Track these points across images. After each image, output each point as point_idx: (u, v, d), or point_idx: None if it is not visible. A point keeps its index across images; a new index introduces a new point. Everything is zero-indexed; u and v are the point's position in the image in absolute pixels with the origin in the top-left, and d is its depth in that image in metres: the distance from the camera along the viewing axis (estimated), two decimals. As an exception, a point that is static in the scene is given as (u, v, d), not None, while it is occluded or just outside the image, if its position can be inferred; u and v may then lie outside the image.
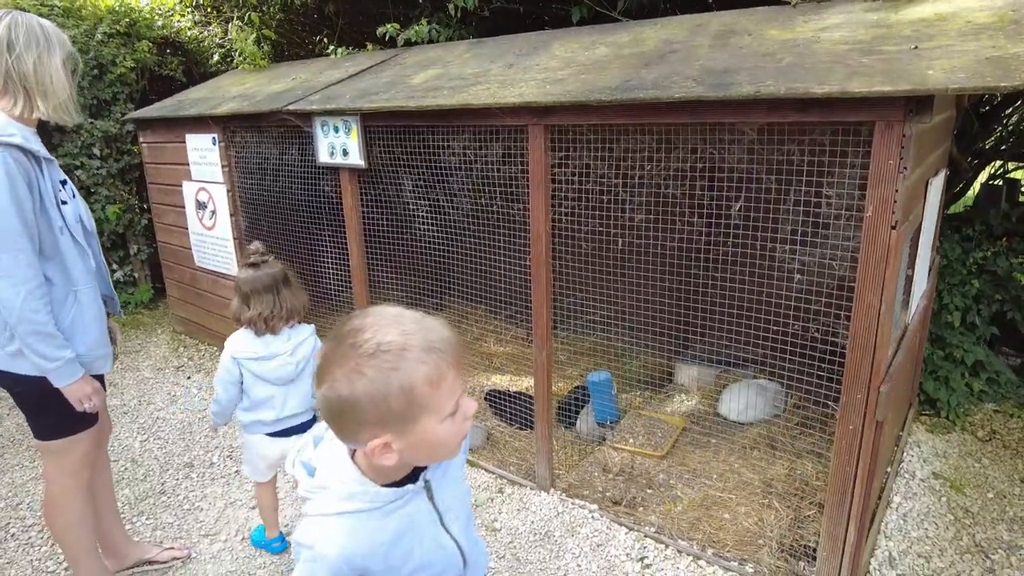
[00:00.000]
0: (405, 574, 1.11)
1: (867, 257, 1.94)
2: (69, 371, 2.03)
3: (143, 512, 3.08)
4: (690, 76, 2.20)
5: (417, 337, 0.96)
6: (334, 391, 0.95)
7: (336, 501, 1.05)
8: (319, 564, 1.04)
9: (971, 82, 1.69)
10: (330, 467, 1.09)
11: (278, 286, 2.33)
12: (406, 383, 0.94)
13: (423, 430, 0.99)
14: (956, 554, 2.68)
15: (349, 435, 1.02)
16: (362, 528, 1.05)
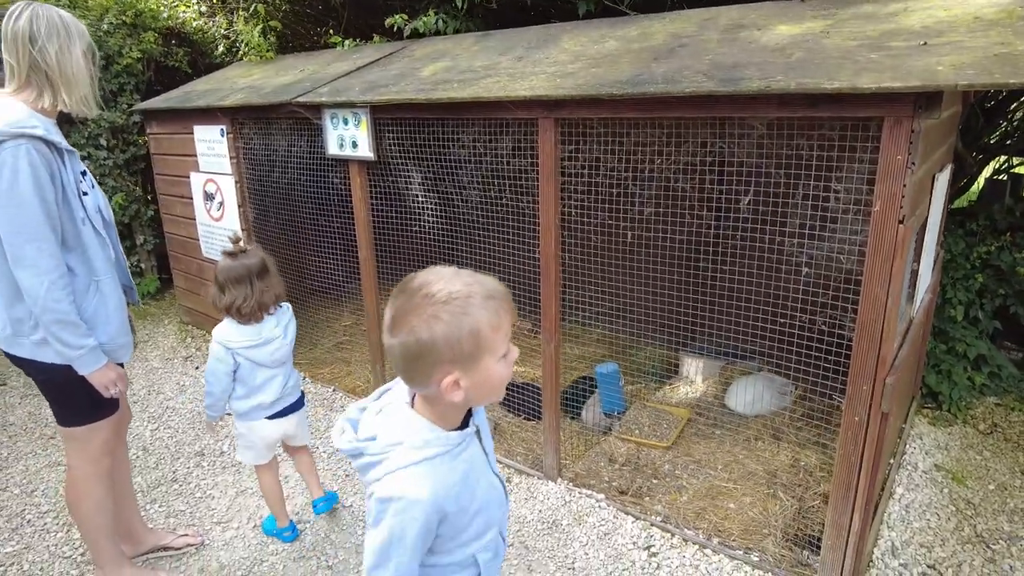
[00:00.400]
0: (471, 514, 1.23)
1: (874, 251, 1.97)
2: (93, 359, 2.07)
3: (156, 500, 3.12)
4: (700, 70, 2.22)
5: (478, 287, 1.12)
6: (414, 335, 1.09)
7: (414, 451, 1.16)
8: (413, 510, 1.13)
9: (980, 78, 1.71)
10: (398, 426, 1.19)
11: (251, 277, 2.39)
12: (474, 326, 1.09)
13: (484, 368, 1.13)
14: (958, 544, 2.72)
15: (423, 376, 1.13)
16: (440, 471, 1.17)
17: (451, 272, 1.14)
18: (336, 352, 4.64)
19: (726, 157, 2.79)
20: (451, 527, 1.22)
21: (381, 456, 1.18)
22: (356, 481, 3.21)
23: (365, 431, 1.24)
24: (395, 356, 1.13)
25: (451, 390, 1.12)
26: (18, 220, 1.89)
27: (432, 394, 1.16)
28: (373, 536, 1.18)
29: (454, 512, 1.19)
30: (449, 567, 1.28)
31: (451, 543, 1.25)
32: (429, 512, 1.15)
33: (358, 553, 2.71)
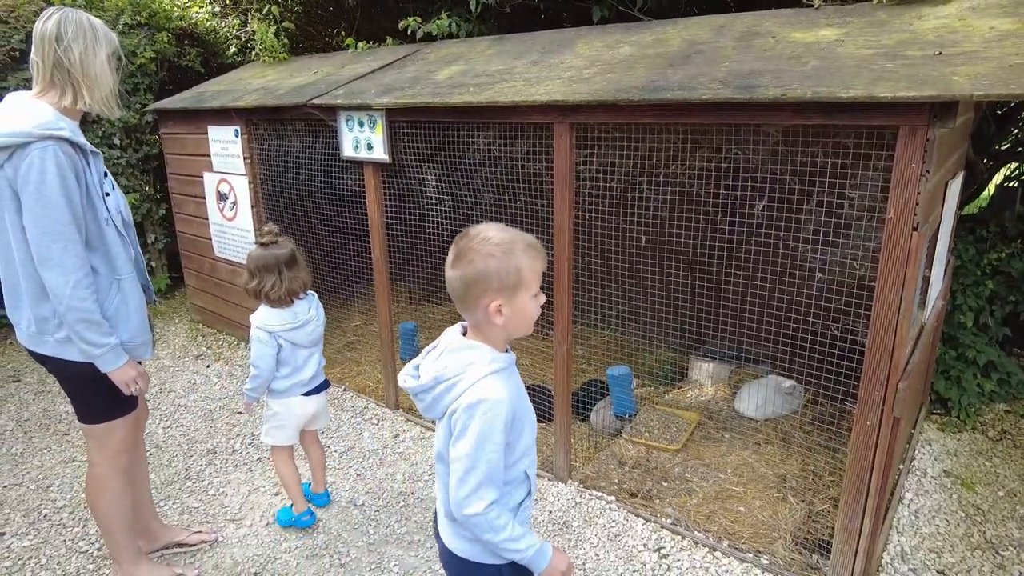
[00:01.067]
0: (524, 424, 1.47)
1: (888, 258, 1.99)
2: (114, 357, 2.11)
3: (169, 496, 3.16)
4: (716, 78, 2.24)
5: (521, 238, 1.41)
6: (473, 266, 1.37)
7: (486, 366, 1.41)
8: (498, 408, 1.37)
9: (995, 89, 1.73)
10: (465, 354, 1.43)
11: (280, 267, 2.55)
12: (518, 265, 1.38)
13: (521, 301, 1.41)
14: (967, 550, 2.73)
15: (474, 300, 1.39)
16: (506, 381, 1.42)
17: (502, 226, 1.44)
18: (346, 352, 4.67)
19: (741, 163, 2.81)
20: (515, 433, 1.44)
21: (457, 378, 1.41)
22: (367, 480, 3.23)
23: (429, 373, 1.45)
24: (455, 285, 1.41)
25: (495, 314, 1.39)
26: (45, 221, 1.93)
27: (480, 320, 1.42)
28: (462, 445, 1.39)
29: (518, 417, 1.44)
30: (508, 485, 1.48)
31: (512, 455, 1.46)
32: (508, 409, 1.38)
33: (370, 552, 2.74)
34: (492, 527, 1.41)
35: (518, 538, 1.44)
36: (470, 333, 1.49)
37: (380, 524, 2.91)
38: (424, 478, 3.24)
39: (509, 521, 1.44)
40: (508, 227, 1.44)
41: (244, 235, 4.50)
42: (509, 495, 1.50)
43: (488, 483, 1.39)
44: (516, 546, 1.44)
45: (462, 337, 1.49)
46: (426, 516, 2.95)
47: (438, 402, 1.44)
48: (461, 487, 1.40)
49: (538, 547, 1.47)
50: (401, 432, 3.66)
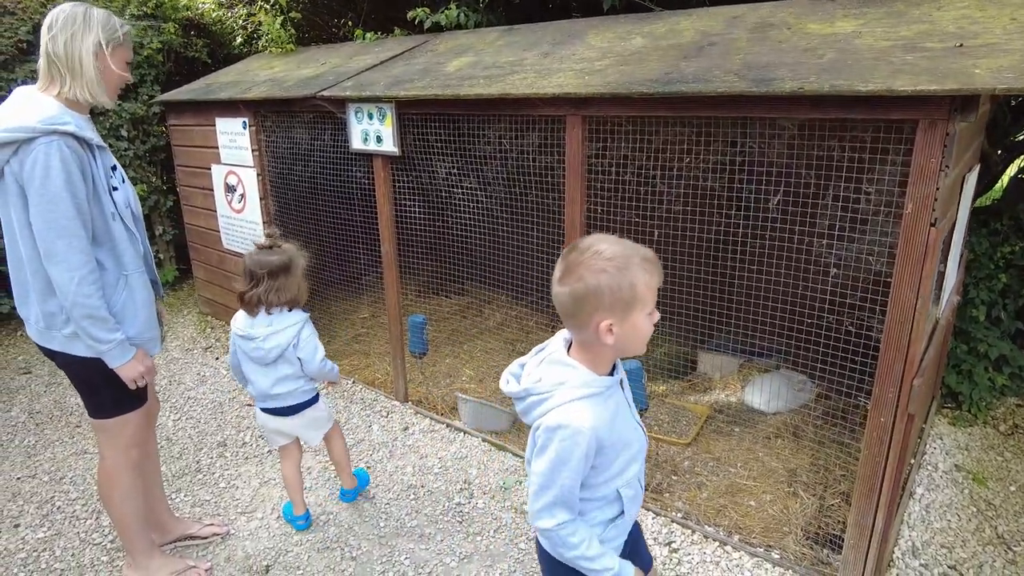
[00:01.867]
0: (618, 449, 1.44)
1: (905, 254, 1.97)
2: (121, 352, 2.11)
3: (180, 489, 3.17)
4: (731, 70, 2.21)
5: (636, 251, 1.34)
6: (583, 283, 1.31)
7: (577, 389, 1.37)
8: (578, 437, 1.34)
9: (1019, 83, 1.69)
10: (560, 371, 1.40)
11: (262, 273, 2.45)
12: (632, 281, 1.31)
13: (634, 319, 1.34)
14: (978, 545, 2.72)
15: (584, 318, 1.34)
16: (596, 408, 1.38)
17: (615, 239, 1.37)
18: (355, 344, 4.68)
19: (756, 157, 2.78)
20: (603, 458, 1.41)
21: (547, 395, 1.39)
22: (378, 472, 3.24)
23: (528, 379, 1.44)
24: (563, 301, 1.36)
25: (605, 334, 1.33)
26: (50, 216, 1.92)
27: (588, 339, 1.37)
28: (540, 462, 1.38)
29: (607, 445, 1.39)
30: (598, 502, 1.47)
31: (601, 476, 1.44)
32: (589, 438, 1.34)
33: (381, 545, 2.75)
34: (564, 543, 1.42)
35: (594, 557, 1.42)
36: (574, 350, 1.44)
37: (391, 517, 2.92)
38: (434, 471, 3.24)
39: (585, 539, 1.42)
40: (621, 239, 1.38)
41: (253, 227, 4.49)
42: (599, 510, 1.48)
43: (560, 504, 1.39)
44: (590, 565, 1.43)
45: (564, 351, 1.45)
46: (436, 509, 2.96)
47: (528, 412, 1.44)
48: (535, 501, 1.41)
49: (615, 571, 1.44)
50: (411, 425, 3.67)
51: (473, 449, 3.41)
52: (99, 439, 2.32)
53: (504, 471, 3.22)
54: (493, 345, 4.47)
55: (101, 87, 2.08)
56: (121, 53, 2.12)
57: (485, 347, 4.45)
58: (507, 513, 2.92)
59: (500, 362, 4.22)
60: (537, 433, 1.39)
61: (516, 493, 3.05)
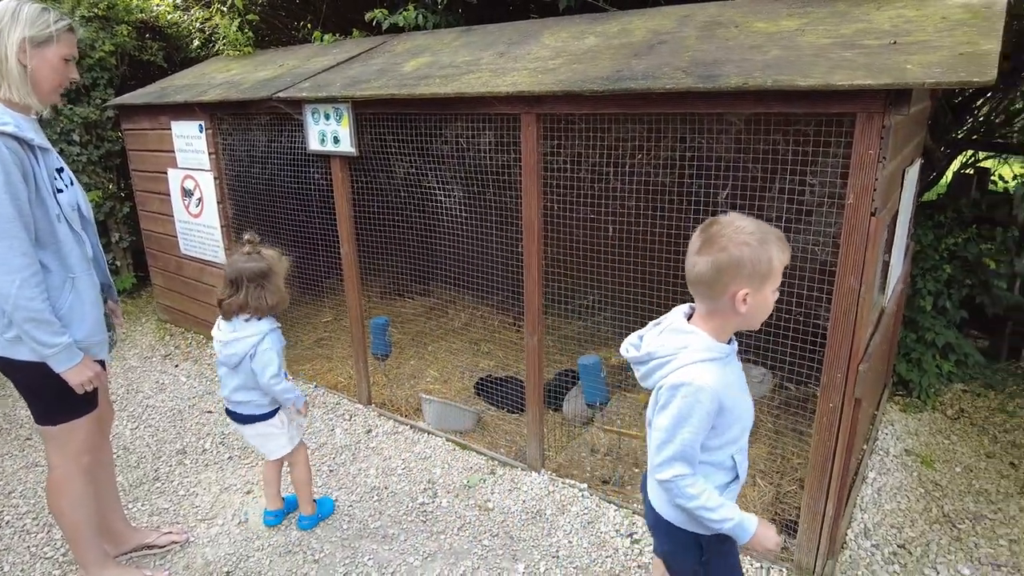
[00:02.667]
0: (735, 415, 1.51)
1: (848, 242, 2.04)
2: (67, 356, 2.06)
3: (138, 498, 3.10)
4: (680, 67, 2.27)
5: (772, 230, 1.45)
6: (727, 253, 1.40)
7: (700, 352, 1.46)
8: (701, 394, 1.42)
9: (946, 77, 1.78)
10: (682, 337, 1.50)
11: (241, 281, 2.44)
12: (770, 255, 1.41)
13: (765, 292, 1.45)
14: (926, 524, 2.82)
15: (722, 287, 1.43)
16: (717, 371, 1.47)
17: (752, 219, 1.46)
18: (317, 348, 4.63)
19: (705, 152, 2.85)
20: (722, 420, 1.48)
21: (669, 357, 1.48)
22: (340, 475, 3.22)
23: (648, 347, 1.54)
24: (701, 271, 1.43)
25: (740, 303, 1.43)
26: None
27: (721, 307, 1.46)
28: (662, 418, 1.47)
29: (727, 408, 1.47)
30: (713, 467, 1.55)
31: (718, 439, 1.51)
32: (711, 396, 1.43)
33: (344, 547, 2.73)
34: (683, 494, 1.48)
35: (714, 507, 1.48)
36: (697, 319, 1.53)
37: (354, 519, 2.90)
38: (397, 472, 3.23)
39: (704, 490, 1.48)
40: (754, 218, 1.46)
41: (210, 232, 4.42)
42: (711, 475, 1.55)
43: (680, 458, 1.46)
44: (711, 516, 1.48)
45: (684, 320, 1.54)
46: (399, 510, 2.95)
47: (649, 375, 1.53)
48: (656, 455, 1.49)
49: (736, 521, 1.49)
50: (374, 427, 3.65)
51: (437, 449, 3.41)
52: (47, 447, 2.26)
53: (468, 470, 3.23)
54: (458, 345, 4.48)
55: (26, 87, 1.99)
56: (57, 50, 2.03)
57: (449, 347, 4.45)
58: (471, 511, 2.93)
59: (465, 362, 4.23)
60: (659, 392, 1.49)
61: (480, 491, 3.06)
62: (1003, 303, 3.96)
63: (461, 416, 3.52)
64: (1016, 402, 3.82)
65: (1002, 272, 3.87)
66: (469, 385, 3.95)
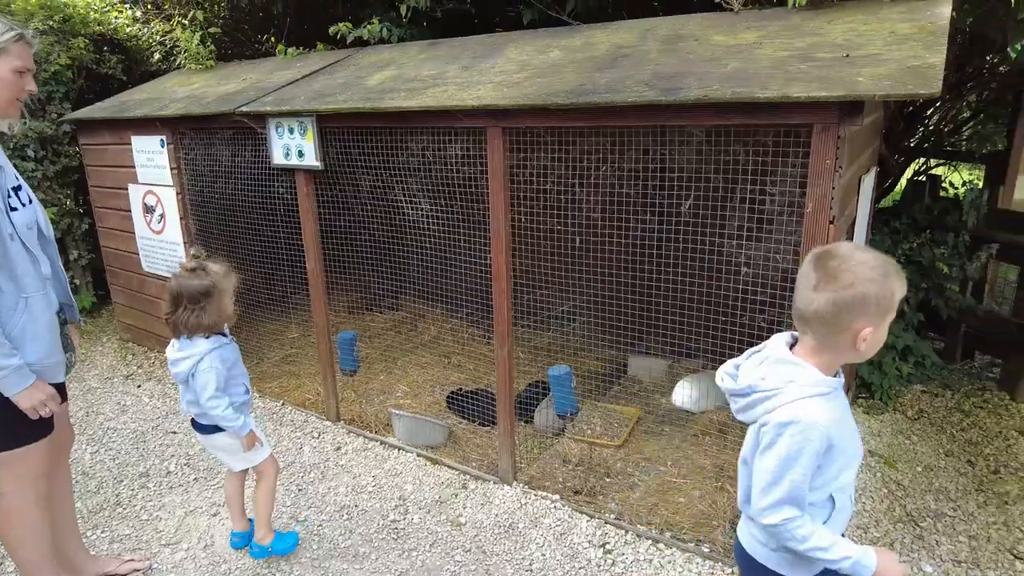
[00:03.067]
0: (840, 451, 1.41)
1: (808, 250, 2.08)
2: (18, 379, 1.99)
3: (98, 525, 3.01)
4: (642, 80, 2.30)
5: (890, 261, 1.37)
6: (853, 290, 1.31)
7: (808, 387, 1.38)
8: (810, 432, 1.34)
9: (895, 89, 1.84)
10: (788, 370, 1.41)
11: (181, 299, 2.36)
12: (892, 290, 1.34)
13: (882, 328, 1.37)
14: (890, 524, 2.88)
15: (844, 324, 1.35)
16: (826, 406, 1.38)
17: (864, 246, 1.41)
18: (284, 365, 4.56)
19: (668, 163, 2.90)
20: (828, 458, 1.40)
21: (774, 392, 1.40)
22: (310, 494, 3.16)
23: (747, 378, 1.45)
24: (820, 308, 1.35)
25: (860, 340, 1.35)
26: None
27: (839, 343, 1.38)
28: (767, 458, 1.38)
29: (836, 444, 1.38)
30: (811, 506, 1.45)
31: (820, 478, 1.43)
32: (822, 435, 1.35)
33: (314, 568, 2.68)
34: (794, 537, 1.40)
35: (828, 547, 1.40)
36: (804, 351, 1.43)
37: (324, 539, 2.86)
38: (368, 489, 3.19)
39: (815, 531, 1.40)
40: (867, 247, 1.39)
41: (173, 248, 4.33)
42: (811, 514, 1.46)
43: (789, 501, 1.38)
44: (827, 555, 1.40)
45: (788, 350, 1.45)
46: (370, 528, 2.91)
47: (750, 409, 1.44)
48: (762, 498, 1.40)
49: (855, 558, 1.40)
50: (343, 445, 3.60)
51: (408, 465, 3.37)
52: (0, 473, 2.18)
53: (440, 485, 3.20)
54: (428, 359, 4.45)
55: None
56: (7, 62, 1.96)
57: (420, 362, 4.42)
58: (443, 527, 2.90)
59: (435, 376, 4.21)
60: (763, 430, 1.40)
61: (452, 506, 3.04)
62: (956, 306, 4.09)
63: (432, 430, 3.50)
64: (971, 401, 3.94)
65: (954, 276, 4.01)
66: (440, 399, 3.92)
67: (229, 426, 2.47)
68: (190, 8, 5.44)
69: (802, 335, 1.44)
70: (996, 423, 3.71)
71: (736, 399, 1.48)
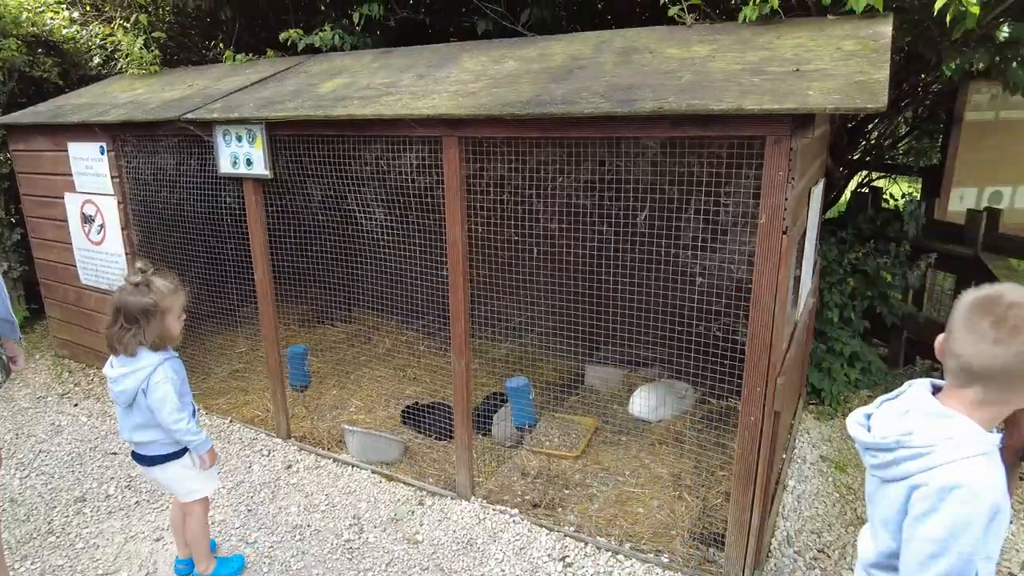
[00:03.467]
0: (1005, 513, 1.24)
1: (762, 260, 2.12)
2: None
3: (27, 556, 2.82)
4: (597, 92, 2.31)
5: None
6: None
7: (972, 445, 1.22)
8: (979, 500, 1.18)
9: (844, 103, 1.88)
10: (945, 424, 1.26)
11: (120, 315, 2.25)
12: None
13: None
14: (842, 527, 2.94)
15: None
16: (992, 466, 1.23)
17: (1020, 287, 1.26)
18: (232, 381, 4.40)
19: (623, 174, 2.91)
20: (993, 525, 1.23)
21: (928, 449, 1.25)
22: (260, 515, 3.04)
23: (887, 430, 1.32)
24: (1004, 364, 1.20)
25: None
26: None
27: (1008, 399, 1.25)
28: (930, 526, 1.22)
29: (1002, 509, 1.22)
30: None
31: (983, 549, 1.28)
32: (994, 502, 1.19)
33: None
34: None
35: None
36: (960, 402, 1.28)
37: (275, 561, 2.74)
38: (320, 509, 3.08)
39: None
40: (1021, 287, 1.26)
41: (114, 260, 4.14)
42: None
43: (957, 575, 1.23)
44: None
45: (935, 400, 1.30)
46: (324, 548, 2.81)
47: (895, 465, 1.29)
48: (920, 571, 1.25)
49: None
50: (294, 462, 3.48)
51: (362, 482, 3.28)
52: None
53: (395, 502, 3.12)
54: (383, 372, 4.36)
55: None
56: None
57: (374, 375, 4.33)
58: (399, 545, 2.82)
59: (390, 389, 4.12)
60: (919, 493, 1.25)
61: (408, 523, 2.96)
62: (898, 312, 4.24)
63: (387, 446, 3.41)
64: (916, 406, 4.07)
65: (896, 284, 4.14)
66: (395, 413, 3.84)
67: (191, 441, 2.34)
68: (132, 11, 5.24)
69: (960, 387, 1.28)
70: (938, 426, 3.84)
71: (875, 453, 1.33)
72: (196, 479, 2.47)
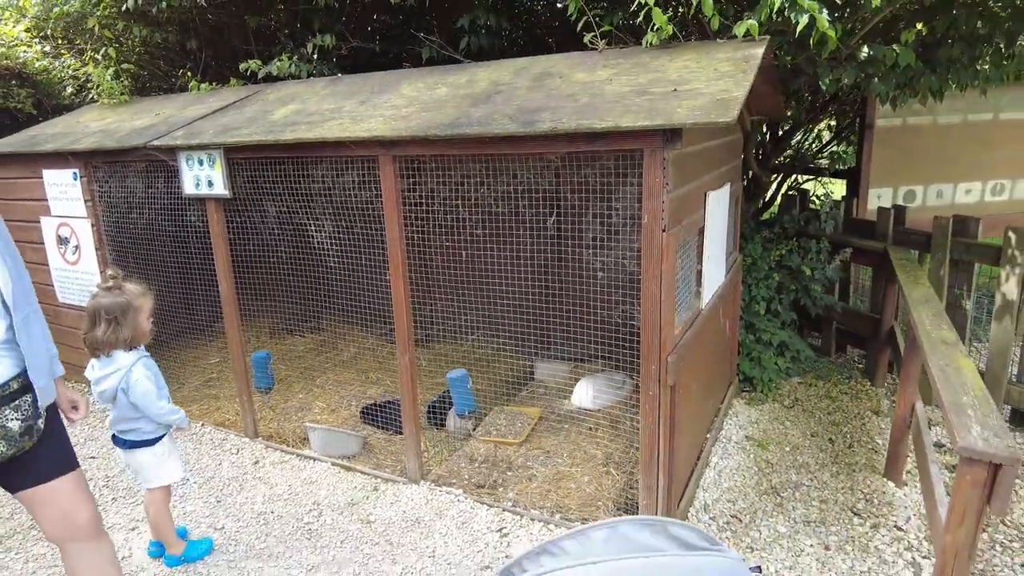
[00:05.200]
0: None
1: (647, 255, 2.46)
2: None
3: (11, 548, 3.08)
4: (507, 114, 2.65)
5: None
6: None
7: None
8: None
9: (703, 118, 2.23)
10: None
11: (98, 316, 2.52)
12: None
13: None
14: (756, 496, 3.27)
15: None
16: None
17: None
18: (204, 389, 4.67)
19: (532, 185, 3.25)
20: None
21: None
22: (227, 505, 3.32)
23: None
24: None
25: None
26: None
27: None
28: None
29: None
30: None
31: None
32: None
33: (230, 568, 2.84)
34: None
35: None
36: None
37: (240, 543, 3.02)
38: (283, 497, 3.37)
39: None
40: None
41: (90, 279, 4.42)
42: None
43: None
44: None
45: None
46: (285, 530, 3.09)
47: None
48: None
49: None
50: (261, 459, 3.76)
51: (323, 474, 3.57)
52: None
53: (353, 489, 3.41)
54: (346, 376, 4.65)
55: None
56: None
57: (338, 379, 4.62)
58: (354, 524, 3.11)
59: (353, 392, 4.42)
60: None
61: (363, 507, 3.26)
62: (819, 304, 4.60)
63: (347, 441, 3.71)
64: (839, 388, 4.44)
65: (816, 277, 4.51)
66: (356, 413, 4.13)
67: (174, 419, 2.68)
68: (102, 44, 5.55)
69: None
70: (856, 406, 4.20)
71: None
72: (161, 467, 2.76)
